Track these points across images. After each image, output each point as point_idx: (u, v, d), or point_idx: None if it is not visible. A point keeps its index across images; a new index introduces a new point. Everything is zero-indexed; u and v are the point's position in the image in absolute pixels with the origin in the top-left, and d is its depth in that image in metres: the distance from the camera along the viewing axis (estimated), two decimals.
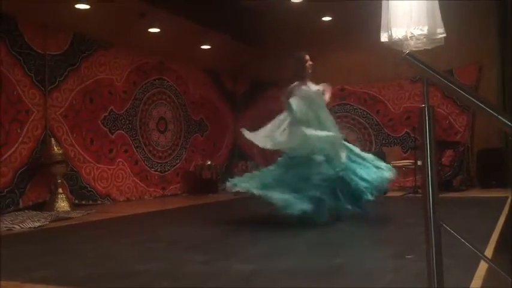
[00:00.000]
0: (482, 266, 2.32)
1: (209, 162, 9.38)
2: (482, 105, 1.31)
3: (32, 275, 2.54)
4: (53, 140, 6.47)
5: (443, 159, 8.01)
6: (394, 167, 8.40)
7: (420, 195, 6.19)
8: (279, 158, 4.83)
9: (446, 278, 1.63)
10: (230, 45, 9.44)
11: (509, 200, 5.82)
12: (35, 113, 6.46)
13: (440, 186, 7.94)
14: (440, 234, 1.42)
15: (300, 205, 4.30)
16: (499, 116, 1.25)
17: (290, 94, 4.85)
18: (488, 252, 2.71)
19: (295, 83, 4.93)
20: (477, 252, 1.37)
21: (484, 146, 8.27)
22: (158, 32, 7.96)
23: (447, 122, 8.83)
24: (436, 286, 1.41)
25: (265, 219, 4.56)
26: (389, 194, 7.54)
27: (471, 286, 1.95)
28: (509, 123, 1.22)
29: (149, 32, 7.91)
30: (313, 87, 4.97)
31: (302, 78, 4.93)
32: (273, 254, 3.15)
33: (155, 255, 3.13)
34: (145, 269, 2.65)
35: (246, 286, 2.26)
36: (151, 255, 3.14)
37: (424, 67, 1.32)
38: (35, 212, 5.79)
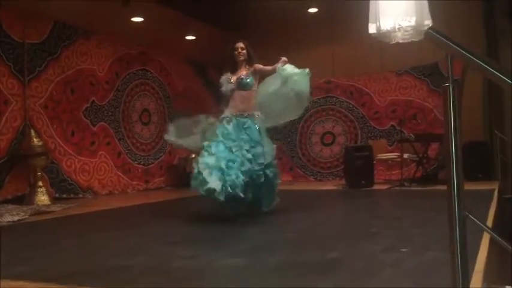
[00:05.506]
0: (480, 259, 2.26)
1: (193, 156, 9.24)
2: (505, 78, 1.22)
3: (11, 270, 2.40)
4: (32, 131, 6.28)
5: (428, 152, 8.00)
6: (380, 160, 8.48)
7: (406, 188, 6.13)
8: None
9: (440, 272, 1.55)
10: (215, 35, 9.28)
11: (495, 192, 5.82)
12: (14, 103, 6.26)
13: (425, 179, 7.78)
14: (465, 226, 1.33)
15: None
16: None
17: (221, 84, 4.78)
18: (485, 241, 2.65)
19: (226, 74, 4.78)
20: (505, 244, 1.29)
21: (470, 139, 8.27)
22: (141, 21, 7.78)
23: (432, 115, 8.84)
24: (461, 277, 1.33)
25: (251, 214, 4.46)
26: (375, 187, 7.52)
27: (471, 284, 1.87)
28: None
29: (132, 21, 7.73)
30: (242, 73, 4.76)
31: (232, 67, 4.75)
32: (262, 249, 3.05)
33: (140, 250, 3.01)
34: (130, 264, 2.53)
35: (237, 282, 2.16)
36: (136, 250, 3.02)
37: (447, 42, 1.22)
38: (14, 206, 5.60)
